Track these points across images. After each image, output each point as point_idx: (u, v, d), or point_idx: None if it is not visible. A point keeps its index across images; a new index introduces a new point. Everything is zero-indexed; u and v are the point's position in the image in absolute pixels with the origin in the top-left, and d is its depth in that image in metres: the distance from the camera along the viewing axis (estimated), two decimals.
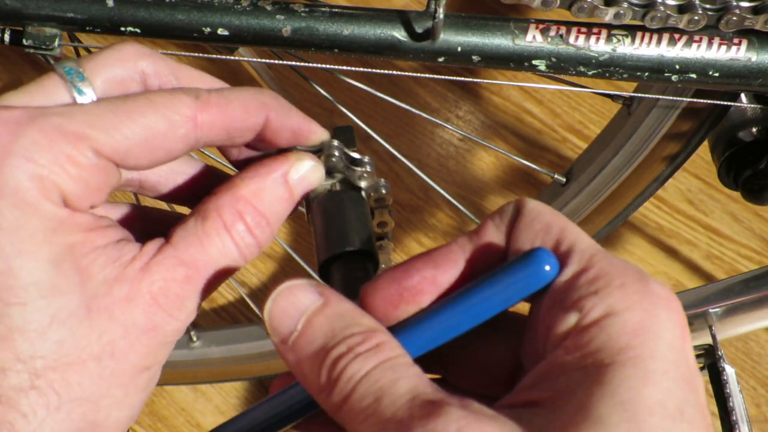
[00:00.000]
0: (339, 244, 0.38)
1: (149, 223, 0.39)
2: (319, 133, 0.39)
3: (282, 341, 0.31)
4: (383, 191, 0.41)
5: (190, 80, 0.38)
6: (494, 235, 0.33)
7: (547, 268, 0.30)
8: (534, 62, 0.53)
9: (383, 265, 0.46)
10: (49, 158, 0.32)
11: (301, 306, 0.31)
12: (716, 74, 0.53)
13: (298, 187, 0.37)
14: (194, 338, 1.04)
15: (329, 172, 0.39)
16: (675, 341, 0.28)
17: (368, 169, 0.40)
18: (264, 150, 0.39)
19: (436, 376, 0.35)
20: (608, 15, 0.50)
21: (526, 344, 0.32)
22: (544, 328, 0.30)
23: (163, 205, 0.48)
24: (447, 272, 0.33)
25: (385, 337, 0.30)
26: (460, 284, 0.33)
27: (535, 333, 0.31)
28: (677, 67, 0.53)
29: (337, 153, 0.39)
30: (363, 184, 0.40)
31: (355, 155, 0.40)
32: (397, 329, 0.32)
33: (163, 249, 0.34)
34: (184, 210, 0.38)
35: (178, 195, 0.40)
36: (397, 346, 0.30)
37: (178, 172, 0.40)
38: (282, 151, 0.38)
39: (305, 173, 0.37)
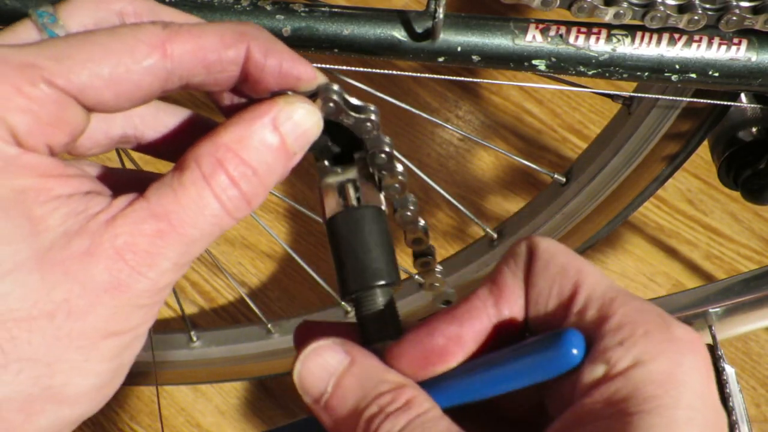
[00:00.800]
0: (363, 280, 0.36)
1: (134, 184, 0.34)
2: (309, 73, 0.35)
3: (315, 402, 0.32)
4: (411, 207, 0.40)
5: (172, 18, 0.35)
6: (513, 283, 0.33)
7: (575, 352, 0.30)
8: (534, 62, 0.53)
9: (435, 284, 0.45)
10: None
11: (329, 368, 0.32)
12: (716, 74, 0.53)
13: (291, 134, 0.33)
14: (194, 338, 1.04)
15: (341, 154, 0.36)
16: (700, 387, 0.29)
17: (373, 118, 0.36)
18: (255, 96, 0.35)
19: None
20: (608, 15, 0.50)
21: (552, 388, 0.33)
22: (571, 376, 0.31)
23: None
24: (471, 329, 0.33)
25: (414, 392, 0.31)
26: (486, 340, 0.33)
27: (562, 379, 0.31)
28: (677, 67, 0.53)
29: (335, 97, 0.35)
30: (392, 194, 0.38)
31: (356, 101, 0.36)
32: (425, 387, 0.33)
33: (135, 202, 0.30)
34: None
35: (179, 153, 0.36)
36: (427, 400, 0.31)
37: (179, 128, 0.37)
38: (274, 96, 0.34)
39: (298, 118, 0.33)
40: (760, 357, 1.14)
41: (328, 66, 0.57)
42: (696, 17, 0.50)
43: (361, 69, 0.58)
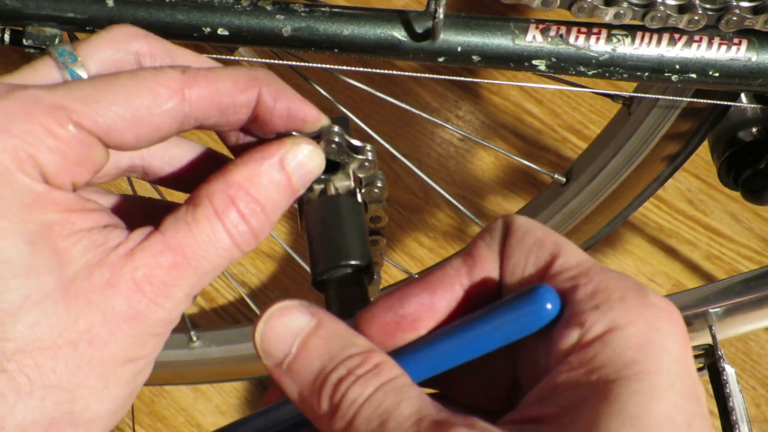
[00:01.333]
0: (335, 258, 0.36)
1: (146, 212, 0.37)
2: (315, 116, 0.37)
3: (276, 365, 0.30)
4: (379, 184, 0.40)
5: (187, 60, 0.37)
6: (487, 254, 0.33)
7: (549, 306, 0.29)
8: (534, 62, 0.53)
9: (376, 262, 0.45)
10: (24, 129, 0.30)
11: (294, 328, 0.30)
12: (716, 74, 0.53)
13: (296, 173, 0.35)
14: (194, 338, 1.04)
15: (328, 162, 0.37)
16: (678, 353, 0.28)
17: (370, 157, 0.38)
18: (262, 136, 0.38)
19: (433, 391, 0.34)
20: (608, 15, 0.50)
21: (523, 359, 0.32)
22: (544, 344, 0.30)
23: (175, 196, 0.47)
24: (443, 297, 0.32)
25: (383, 357, 0.30)
26: (458, 309, 0.32)
27: (535, 349, 0.31)
28: (677, 67, 0.53)
29: (337, 139, 0.37)
30: (362, 174, 0.39)
31: (357, 143, 0.39)
32: (394, 356, 0.31)
33: (151, 235, 0.32)
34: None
35: (183, 182, 0.39)
36: (396, 366, 0.30)
37: (183, 159, 0.39)
38: (280, 137, 0.36)
39: (303, 158, 0.35)
40: (760, 357, 1.14)
41: (328, 66, 0.57)
42: (696, 17, 0.50)
43: (361, 69, 0.58)
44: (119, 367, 0.32)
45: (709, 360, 0.69)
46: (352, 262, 0.36)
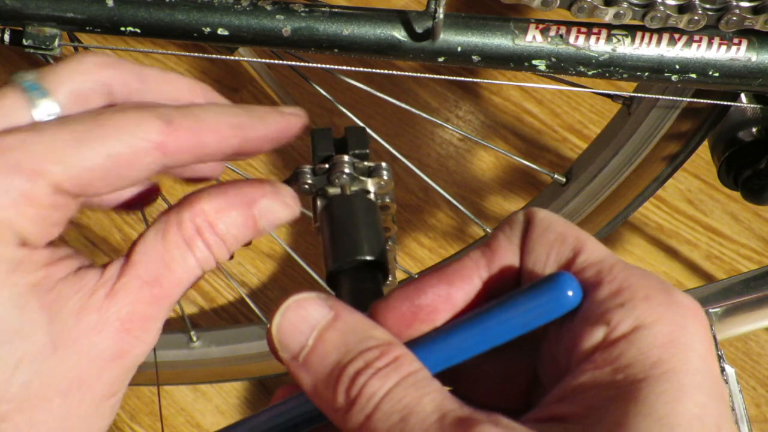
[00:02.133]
0: (350, 253, 0.36)
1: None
2: (295, 128, 0.37)
3: (293, 357, 0.30)
4: (388, 199, 0.39)
5: (159, 85, 0.36)
6: (507, 247, 0.32)
7: (570, 293, 0.28)
8: (534, 62, 0.53)
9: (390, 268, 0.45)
10: (4, 200, 0.30)
11: (311, 320, 0.30)
12: (716, 74, 0.53)
13: (265, 219, 0.34)
14: (194, 338, 1.04)
15: (338, 184, 0.37)
16: (705, 353, 0.28)
17: (386, 177, 0.38)
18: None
19: (448, 388, 0.34)
20: (608, 15, 0.50)
21: (544, 357, 0.31)
22: (567, 341, 0.29)
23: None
24: (461, 289, 0.31)
25: (403, 350, 0.29)
26: (476, 301, 0.32)
27: (557, 346, 0.30)
28: (677, 67, 0.53)
29: (347, 170, 0.37)
30: (379, 191, 0.38)
31: (370, 164, 0.38)
32: (410, 346, 0.30)
33: (126, 270, 0.32)
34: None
35: (129, 205, 0.39)
36: (416, 360, 0.29)
37: (134, 188, 0.38)
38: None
39: (278, 211, 0.35)
40: (760, 357, 1.14)
41: (328, 66, 0.57)
42: (696, 17, 0.50)
43: (361, 69, 0.58)
44: (102, 404, 0.32)
45: None
46: (367, 258, 0.36)
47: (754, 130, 0.69)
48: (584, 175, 0.77)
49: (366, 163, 0.39)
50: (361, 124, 0.68)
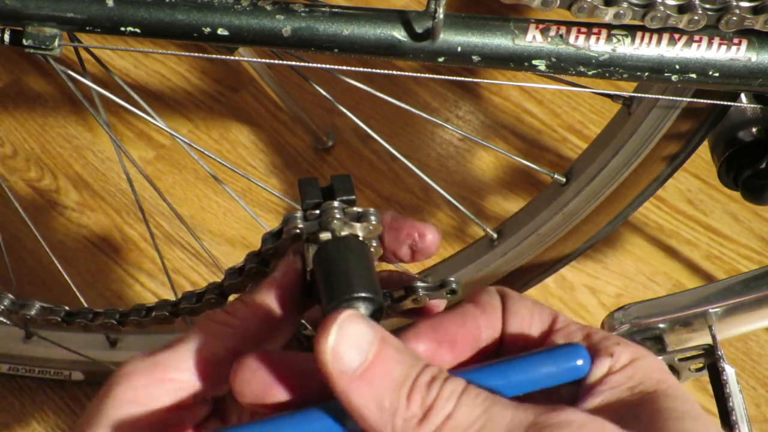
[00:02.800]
0: (347, 291, 0.36)
1: None
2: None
3: (350, 372, 0.30)
4: (375, 244, 0.40)
5: None
6: (494, 305, 0.36)
7: (582, 362, 0.33)
8: (534, 62, 0.53)
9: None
10: None
11: (367, 336, 0.30)
12: (716, 74, 0.53)
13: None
14: None
15: (329, 229, 0.38)
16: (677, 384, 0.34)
17: (374, 221, 0.39)
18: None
19: None
20: (608, 15, 0.50)
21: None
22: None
23: None
24: (466, 334, 0.35)
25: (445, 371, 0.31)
26: (470, 350, 0.35)
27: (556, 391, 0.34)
28: (677, 67, 0.53)
29: (338, 215, 0.38)
30: (367, 236, 0.39)
31: (358, 210, 0.39)
32: None
33: None
34: None
35: None
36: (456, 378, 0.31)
37: None
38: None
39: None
40: (760, 357, 1.14)
41: (328, 66, 0.57)
42: (696, 17, 0.50)
43: (361, 69, 0.58)
44: None
45: (709, 360, 0.69)
46: (363, 294, 0.36)
47: (754, 130, 0.69)
48: (584, 175, 0.77)
49: (354, 208, 0.40)
50: (358, 121, 0.68)
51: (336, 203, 0.39)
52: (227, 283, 0.44)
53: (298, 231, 0.39)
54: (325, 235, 0.38)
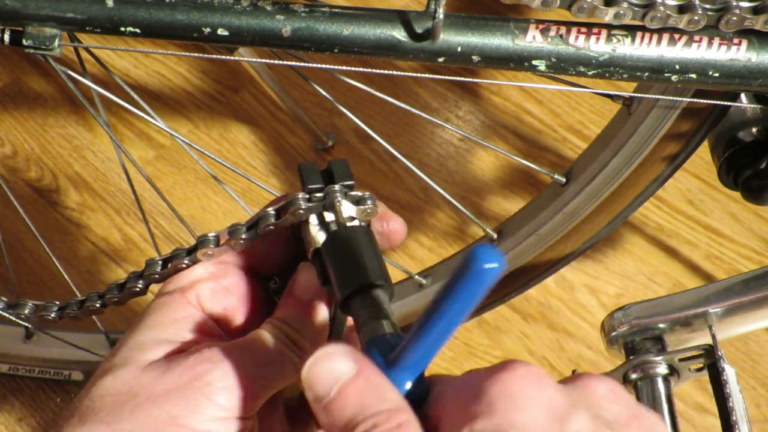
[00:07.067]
0: (360, 279, 0.39)
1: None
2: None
3: (316, 400, 0.34)
4: (370, 203, 0.44)
5: None
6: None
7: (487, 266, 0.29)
8: (534, 62, 0.53)
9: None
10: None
11: (336, 373, 0.34)
12: (716, 74, 0.53)
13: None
14: None
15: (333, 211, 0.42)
16: None
17: (370, 204, 0.42)
18: None
19: None
20: (608, 15, 0.50)
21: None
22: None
23: None
24: None
25: (409, 417, 0.33)
26: None
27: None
28: (677, 67, 0.53)
29: (339, 197, 0.42)
30: (365, 218, 0.43)
31: (357, 193, 0.43)
32: (400, 345, 0.35)
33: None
34: None
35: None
36: (417, 427, 0.33)
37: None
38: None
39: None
40: (760, 357, 1.14)
41: (328, 66, 0.57)
42: (696, 17, 0.50)
43: (361, 69, 0.58)
44: None
45: (709, 360, 0.69)
46: (375, 282, 0.39)
47: (754, 130, 0.69)
48: (584, 175, 0.76)
49: (352, 192, 0.43)
50: (358, 121, 0.68)
51: (338, 186, 0.42)
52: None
53: (301, 212, 0.43)
54: (329, 215, 0.42)
